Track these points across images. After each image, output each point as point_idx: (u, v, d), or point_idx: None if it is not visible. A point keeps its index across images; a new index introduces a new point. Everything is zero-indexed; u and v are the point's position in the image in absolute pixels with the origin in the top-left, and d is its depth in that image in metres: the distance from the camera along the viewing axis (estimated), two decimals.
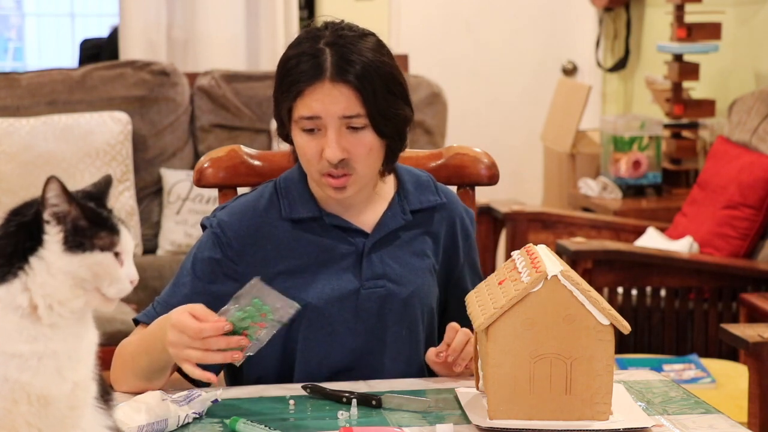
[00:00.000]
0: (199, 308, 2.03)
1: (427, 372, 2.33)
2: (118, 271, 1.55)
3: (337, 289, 2.26)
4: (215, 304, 2.04)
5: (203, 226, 2.32)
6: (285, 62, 2.21)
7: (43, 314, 1.53)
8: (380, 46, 2.21)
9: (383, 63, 2.18)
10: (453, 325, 2.22)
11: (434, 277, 2.34)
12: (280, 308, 1.97)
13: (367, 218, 2.30)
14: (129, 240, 1.57)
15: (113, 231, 1.55)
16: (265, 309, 1.96)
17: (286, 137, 2.27)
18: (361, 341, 2.27)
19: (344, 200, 2.26)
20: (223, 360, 1.99)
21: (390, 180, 2.34)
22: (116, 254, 1.55)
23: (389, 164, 2.27)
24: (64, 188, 1.52)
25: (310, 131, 2.18)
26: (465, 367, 2.22)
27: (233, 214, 2.28)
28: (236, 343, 1.97)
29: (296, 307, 1.99)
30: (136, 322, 2.28)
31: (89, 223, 1.54)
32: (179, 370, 2.18)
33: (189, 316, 2.01)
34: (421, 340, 2.32)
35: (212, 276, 2.25)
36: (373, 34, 2.23)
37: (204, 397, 2.04)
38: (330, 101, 2.15)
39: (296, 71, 2.17)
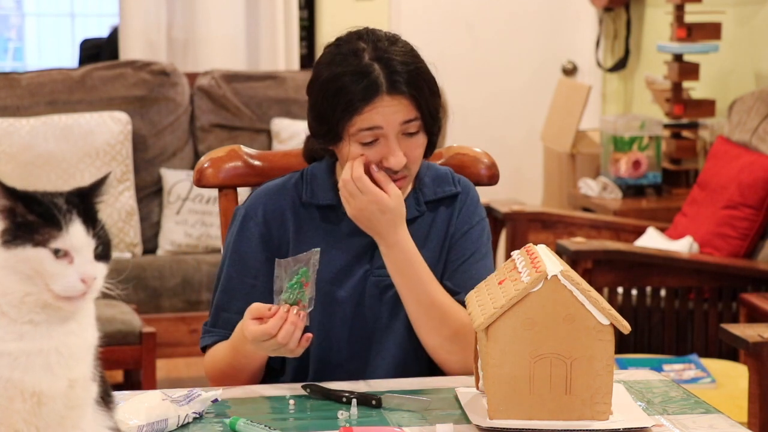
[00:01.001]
0: (255, 310, 2.16)
1: (427, 363, 2.35)
2: (56, 267, 1.51)
3: (348, 273, 2.33)
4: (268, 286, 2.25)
5: (234, 215, 2.40)
6: (332, 80, 2.27)
7: (10, 312, 1.52)
8: (413, 50, 2.33)
9: (422, 66, 2.31)
10: None
11: (438, 262, 2.37)
12: (308, 261, 2.12)
13: None
14: (81, 236, 1.53)
15: (54, 226, 1.52)
16: (301, 272, 2.11)
17: (324, 148, 2.34)
18: (367, 327, 2.33)
19: None
20: (306, 341, 2.14)
21: None
22: (56, 250, 1.52)
23: (426, 157, 2.37)
24: (2, 184, 1.51)
25: (368, 143, 2.26)
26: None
27: (258, 198, 2.38)
28: (299, 319, 2.11)
29: (317, 250, 2.14)
30: (205, 348, 2.39)
31: (38, 218, 1.52)
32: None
33: (253, 323, 2.15)
34: None
35: (255, 265, 2.34)
36: (400, 38, 2.34)
37: (204, 397, 2.04)
38: (390, 112, 2.25)
39: (350, 90, 2.25)
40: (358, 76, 2.24)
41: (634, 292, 4.27)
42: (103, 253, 1.55)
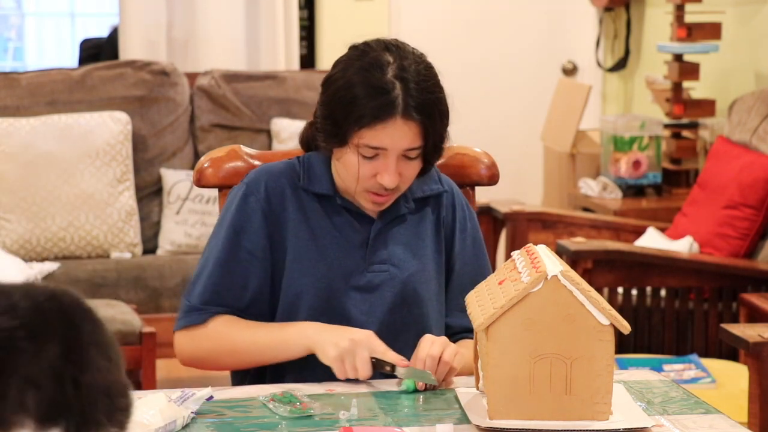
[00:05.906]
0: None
1: None
2: None
3: (345, 266, 2.34)
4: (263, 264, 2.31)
5: (232, 193, 2.38)
6: (350, 87, 2.26)
7: None
8: (436, 76, 2.33)
9: (441, 98, 2.31)
10: (425, 337, 2.25)
11: (437, 261, 2.40)
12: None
13: None
14: None
15: None
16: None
17: (323, 144, 2.33)
18: (363, 321, 2.33)
19: None
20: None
21: None
22: None
23: (417, 177, 2.37)
24: None
25: (368, 157, 2.27)
26: (448, 376, 2.23)
27: (260, 175, 2.37)
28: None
29: None
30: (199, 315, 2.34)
31: None
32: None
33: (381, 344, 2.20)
34: (426, 322, 2.37)
35: (255, 239, 2.33)
36: (425, 59, 2.34)
37: (198, 396, 2.05)
38: (399, 136, 2.25)
39: (367, 104, 2.24)
40: (377, 90, 2.23)
41: (634, 292, 4.27)
42: None
